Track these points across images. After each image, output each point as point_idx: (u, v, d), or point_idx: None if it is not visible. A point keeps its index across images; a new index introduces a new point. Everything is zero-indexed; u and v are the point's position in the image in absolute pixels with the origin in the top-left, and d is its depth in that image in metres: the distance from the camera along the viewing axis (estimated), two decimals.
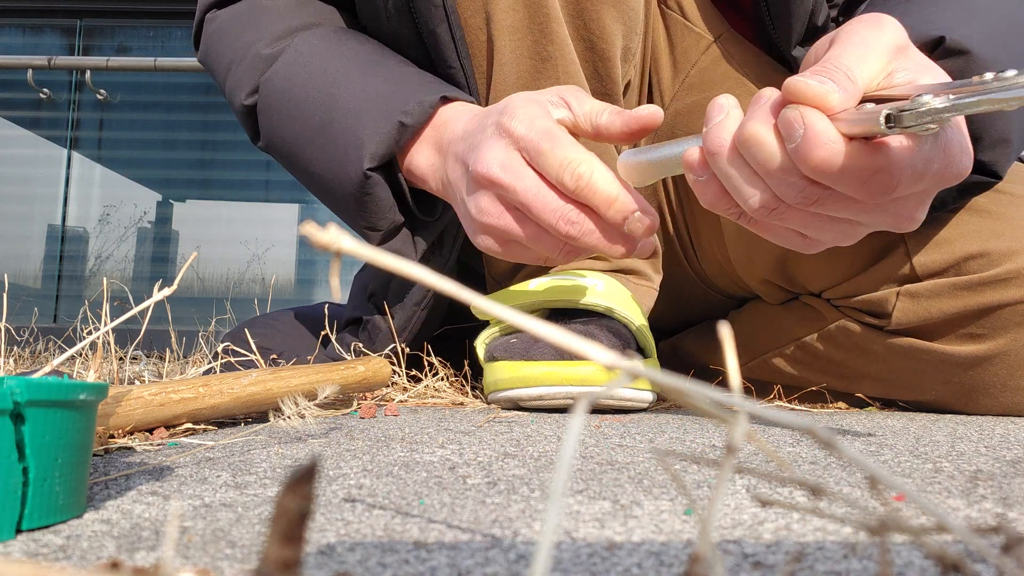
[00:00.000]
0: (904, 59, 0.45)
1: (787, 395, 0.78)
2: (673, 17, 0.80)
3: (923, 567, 0.24)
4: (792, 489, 0.35)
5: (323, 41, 0.69)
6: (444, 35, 0.64)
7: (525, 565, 0.25)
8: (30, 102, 2.96)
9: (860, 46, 0.44)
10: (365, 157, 0.63)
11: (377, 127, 0.63)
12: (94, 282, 2.92)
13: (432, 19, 0.64)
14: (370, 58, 0.67)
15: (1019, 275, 0.64)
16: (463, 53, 0.65)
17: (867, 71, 0.44)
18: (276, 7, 0.74)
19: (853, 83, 0.43)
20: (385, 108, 0.63)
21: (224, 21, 0.75)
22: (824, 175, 0.43)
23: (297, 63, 0.68)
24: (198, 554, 0.26)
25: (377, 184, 0.64)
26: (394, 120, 0.62)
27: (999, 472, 0.40)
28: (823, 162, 0.42)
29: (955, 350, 0.67)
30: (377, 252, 0.17)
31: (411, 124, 0.62)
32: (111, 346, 0.69)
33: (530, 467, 0.40)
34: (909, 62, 0.45)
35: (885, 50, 0.44)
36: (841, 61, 0.43)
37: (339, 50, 0.68)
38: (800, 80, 0.42)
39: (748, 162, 0.46)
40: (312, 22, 0.72)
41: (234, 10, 0.75)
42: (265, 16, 0.73)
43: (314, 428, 0.52)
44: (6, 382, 0.27)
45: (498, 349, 0.66)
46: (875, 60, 0.44)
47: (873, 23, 0.46)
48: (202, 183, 3.04)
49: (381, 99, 0.64)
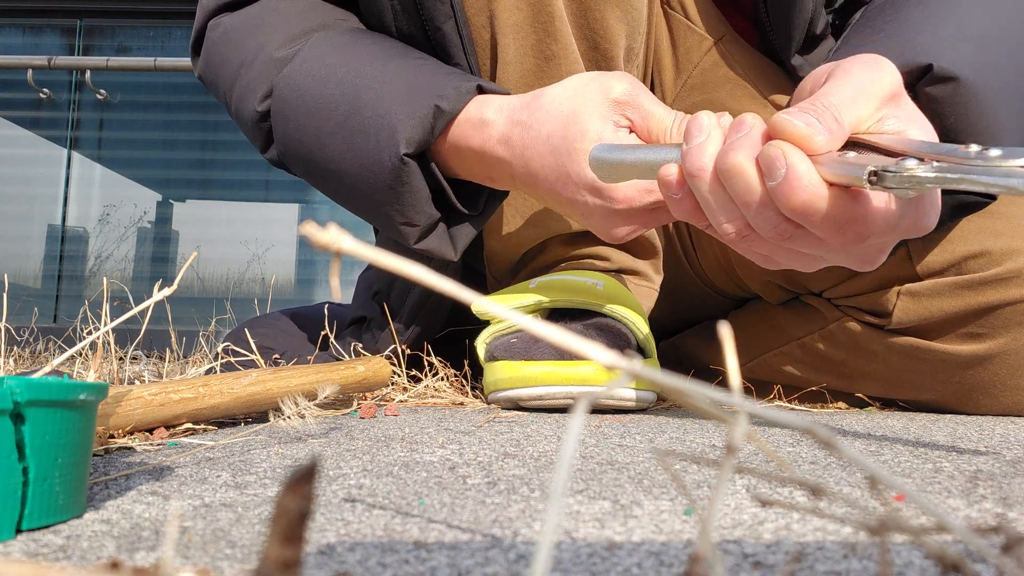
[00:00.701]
0: (896, 107, 0.45)
1: (787, 395, 0.78)
2: (676, 18, 0.80)
3: (923, 567, 0.24)
4: (792, 489, 0.35)
5: (341, 38, 0.67)
6: (451, 32, 0.64)
7: (525, 565, 0.25)
8: (30, 102, 2.96)
9: (854, 88, 0.44)
10: (401, 142, 0.60)
11: (411, 111, 0.60)
12: (94, 282, 2.93)
13: (439, 16, 0.64)
14: (393, 51, 0.65)
15: (1020, 274, 0.64)
16: (469, 50, 0.64)
17: (856, 115, 0.43)
18: (287, 10, 0.71)
19: (840, 126, 0.43)
20: (418, 94, 0.60)
21: (230, 26, 0.73)
22: (801, 217, 0.43)
23: (315, 60, 0.66)
24: (198, 554, 0.26)
25: (414, 172, 0.61)
26: (430, 104, 0.59)
27: (999, 472, 0.40)
28: (802, 205, 0.42)
29: (956, 349, 0.67)
30: (378, 252, 0.17)
31: (448, 109, 0.59)
32: (111, 346, 0.69)
33: (530, 467, 0.40)
34: (900, 111, 0.45)
35: (878, 96, 0.44)
36: (831, 101, 0.43)
37: (358, 46, 0.66)
38: (787, 118, 0.42)
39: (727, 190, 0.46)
40: (327, 23, 0.70)
41: (241, 15, 0.73)
42: (276, 18, 0.71)
43: (314, 428, 0.52)
44: (6, 382, 0.27)
45: (498, 349, 0.66)
46: (866, 105, 0.44)
47: (871, 66, 0.45)
48: (202, 183, 3.04)
49: (412, 86, 0.61)
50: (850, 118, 0.43)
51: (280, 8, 0.71)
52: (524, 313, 0.64)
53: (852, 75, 0.45)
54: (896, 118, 0.44)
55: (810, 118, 0.42)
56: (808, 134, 0.42)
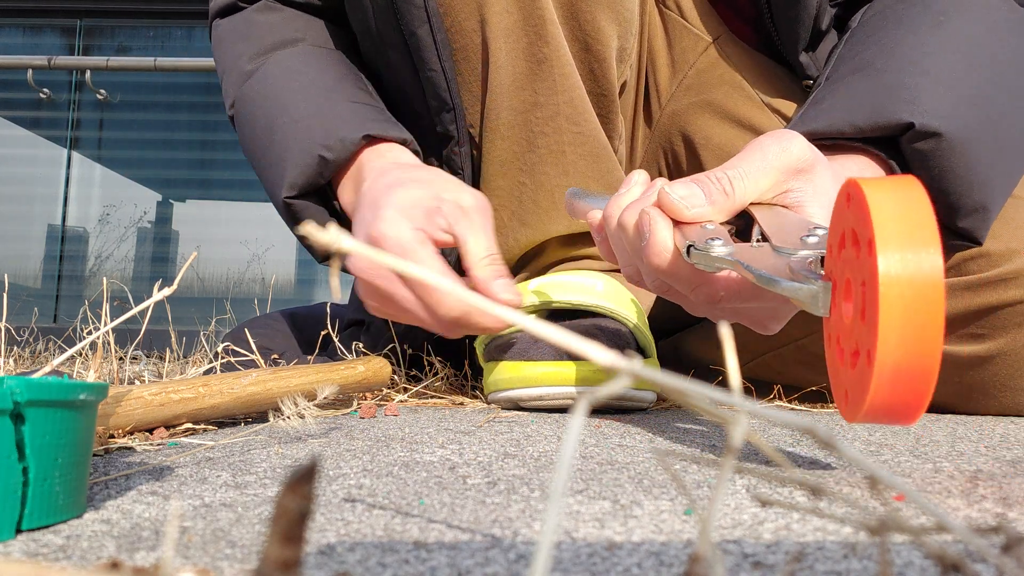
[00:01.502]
0: (802, 181, 0.47)
1: (787, 395, 0.78)
2: (671, 17, 0.80)
3: (923, 567, 0.24)
4: (792, 489, 0.35)
5: (292, 61, 0.73)
6: (425, 37, 0.65)
7: (525, 565, 0.25)
8: (30, 102, 2.96)
9: (759, 161, 0.47)
10: (285, 187, 0.66)
11: (300, 158, 0.66)
12: (94, 282, 2.93)
13: (413, 20, 0.64)
14: (325, 85, 0.70)
15: (1019, 275, 0.64)
16: (445, 56, 0.65)
17: (754, 187, 0.46)
18: (266, 21, 0.77)
19: (728, 197, 0.46)
20: (311, 141, 0.66)
21: (223, 31, 0.80)
22: (661, 276, 0.47)
23: (263, 84, 0.73)
24: (198, 554, 0.26)
25: (303, 209, 0.67)
26: (315, 154, 0.65)
27: (999, 472, 0.40)
28: (654, 268, 0.47)
29: (955, 350, 0.67)
30: (377, 252, 0.17)
31: (332, 159, 0.65)
32: (111, 346, 0.69)
33: (530, 467, 0.40)
34: (807, 185, 0.47)
35: (780, 170, 0.47)
36: (728, 173, 0.46)
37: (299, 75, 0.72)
38: (666, 189, 0.46)
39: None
40: (293, 38, 0.76)
41: (231, 21, 0.79)
42: (254, 29, 0.77)
43: (314, 428, 0.52)
44: (6, 382, 0.27)
45: (498, 349, 0.66)
46: (765, 179, 0.46)
47: (782, 140, 0.48)
48: (202, 183, 3.04)
49: (310, 131, 0.67)
50: (744, 190, 0.46)
51: (258, 20, 0.78)
52: (524, 313, 0.64)
53: (760, 149, 0.48)
54: (799, 191, 0.47)
55: (692, 189, 0.46)
56: (679, 207, 0.46)
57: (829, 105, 0.59)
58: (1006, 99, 0.62)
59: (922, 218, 0.30)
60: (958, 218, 0.60)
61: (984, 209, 0.61)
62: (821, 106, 0.60)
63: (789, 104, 0.75)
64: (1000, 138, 0.61)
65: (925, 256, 0.29)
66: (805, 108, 0.62)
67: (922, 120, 0.56)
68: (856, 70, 0.62)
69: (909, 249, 0.30)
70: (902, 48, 0.61)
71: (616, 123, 0.70)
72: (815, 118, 0.59)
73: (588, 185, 0.66)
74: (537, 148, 0.66)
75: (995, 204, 0.62)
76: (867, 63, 0.62)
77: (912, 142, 0.57)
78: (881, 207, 0.31)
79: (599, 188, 0.66)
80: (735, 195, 0.46)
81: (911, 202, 0.31)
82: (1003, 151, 0.61)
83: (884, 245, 0.30)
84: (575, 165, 0.66)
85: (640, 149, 0.80)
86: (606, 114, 0.69)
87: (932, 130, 0.57)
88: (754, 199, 0.47)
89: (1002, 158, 0.61)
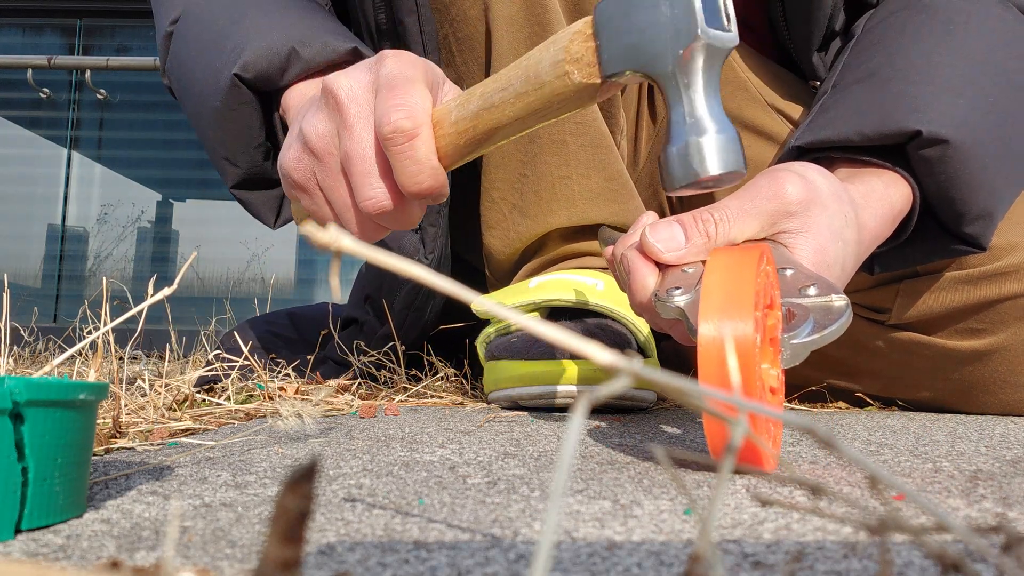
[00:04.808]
0: (796, 222, 0.47)
1: (787, 395, 0.78)
2: None
3: (923, 567, 0.24)
4: (792, 489, 0.35)
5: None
6: (412, 26, 0.65)
7: (525, 565, 0.25)
8: (30, 102, 2.96)
9: (748, 202, 0.47)
10: (239, 63, 0.59)
11: (269, 44, 0.59)
12: (94, 282, 2.93)
13: (402, 8, 0.65)
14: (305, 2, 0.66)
15: (1018, 269, 0.65)
16: (430, 47, 0.65)
17: (736, 231, 0.46)
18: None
19: (708, 240, 0.46)
20: (287, 32, 0.60)
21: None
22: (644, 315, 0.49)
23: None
24: (198, 554, 0.26)
25: (245, 101, 0.60)
26: (288, 44, 0.59)
27: (999, 472, 0.40)
28: (637, 308, 0.48)
29: (956, 345, 0.67)
30: (376, 251, 0.17)
31: (305, 57, 0.58)
32: (111, 346, 0.69)
33: (530, 467, 0.40)
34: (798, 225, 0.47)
35: (770, 214, 0.46)
36: (715, 215, 0.46)
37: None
38: (645, 233, 0.47)
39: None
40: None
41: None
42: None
43: (314, 428, 0.52)
44: (6, 382, 0.27)
45: (498, 348, 0.66)
46: (753, 222, 0.46)
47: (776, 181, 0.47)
48: (202, 183, 3.04)
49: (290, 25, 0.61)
50: (727, 232, 0.46)
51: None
52: (524, 313, 0.64)
53: (755, 189, 0.47)
54: (789, 232, 0.47)
55: (672, 231, 0.46)
56: (656, 250, 0.46)
57: (836, 114, 0.60)
58: (1012, 107, 0.62)
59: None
60: (963, 224, 0.60)
61: (989, 216, 0.61)
62: (828, 114, 0.60)
63: (794, 107, 0.75)
64: (1006, 145, 0.61)
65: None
66: (812, 117, 0.62)
67: (929, 128, 0.57)
68: (862, 78, 0.62)
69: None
70: (908, 56, 0.61)
71: (617, 117, 0.70)
72: (823, 127, 0.59)
73: (589, 175, 0.66)
74: (538, 138, 0.66)
75: (1000, 210, 0.62)
76: (873, 71, 0.62)
77: (919, 149, 0.57)
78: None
79: (600, 178, 0.66)
80: (716, 238, 0.46)
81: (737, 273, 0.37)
82: (1009, 158, 0.61)
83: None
84: (576, 155, 0.66)
85: (645, 148, 0.80)
86: (606, 106, 0.69)
87: (939, 137, 0.57)
88: (740, 241, 0.46)
89: (1008, 165, 0.61)
